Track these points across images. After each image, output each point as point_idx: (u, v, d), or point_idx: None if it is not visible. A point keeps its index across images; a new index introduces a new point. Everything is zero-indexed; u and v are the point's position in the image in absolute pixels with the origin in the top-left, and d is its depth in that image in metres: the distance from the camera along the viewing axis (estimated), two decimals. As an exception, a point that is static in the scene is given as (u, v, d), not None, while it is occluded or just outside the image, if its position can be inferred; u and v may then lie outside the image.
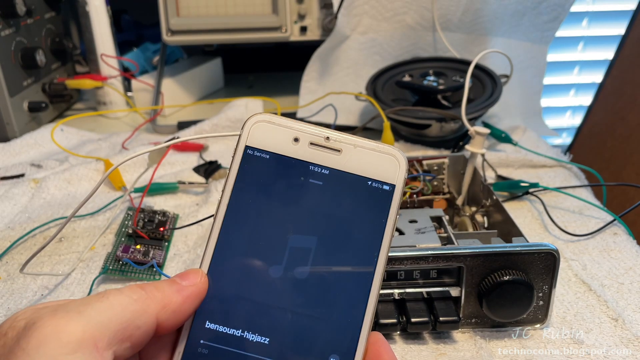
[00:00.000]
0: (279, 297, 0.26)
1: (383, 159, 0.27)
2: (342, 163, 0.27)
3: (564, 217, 0.57)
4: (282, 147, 0.27)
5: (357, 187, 0.27)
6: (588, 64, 1.18)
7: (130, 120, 0.88)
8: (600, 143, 1.10)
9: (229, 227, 0.26)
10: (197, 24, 0.81)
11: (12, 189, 0.62)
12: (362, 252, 0.26)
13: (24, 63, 0.77)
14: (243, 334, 0.25)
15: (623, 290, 0.46)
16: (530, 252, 0.39)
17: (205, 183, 0.63)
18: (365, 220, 0.26)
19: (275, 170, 0.27)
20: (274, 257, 0.26)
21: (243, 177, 0.27)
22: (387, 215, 0.26)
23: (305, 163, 0.27)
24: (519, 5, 0.80)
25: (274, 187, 0.27)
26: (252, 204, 0.27)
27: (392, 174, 0.27)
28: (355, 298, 0.26)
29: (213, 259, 0.26)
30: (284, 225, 0.26)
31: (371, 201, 0.26)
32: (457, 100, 0.74)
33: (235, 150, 0.27)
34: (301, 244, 0.26)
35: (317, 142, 0.27)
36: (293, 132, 0.27)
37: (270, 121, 0.27)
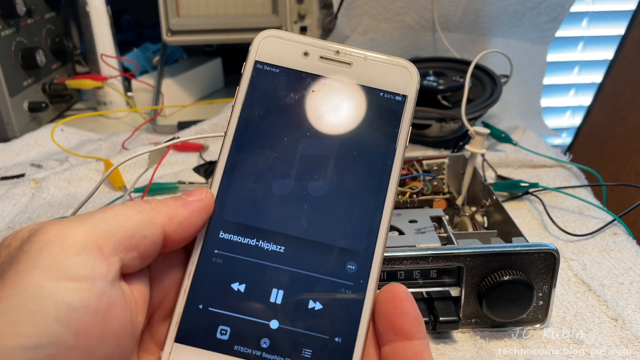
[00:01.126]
0: (293, 207, 0.25)
1: (394, 70, 0.27)
2: (353, 75, 0.27)
3: (563, 217, 0.57)
4: (292, 61, 0.27)
5: (369, 99, 0.27)
6: (588, 64, 1.18)
7: (130, 121, 0.88)
8: (600, 143, 1.10)
9: (240, 141, 0.26)
10: (197, 24, 0.81)
11: (12, 189, 0.62)
12: (375, 161, 0.26)
13: (24, 63, 0.77)
14: (258, 243, 0.25)
15: (623, 290, 0.46)
16: (530, 252, 0.39)
17: (205, 183, 0.63)
18: (377, 131, 0.26)
19: (285, 84, 0.27)
20: (287, 169, 0.26)
21: (253, 91, 0.27)
22: (400, 125, 0.26)
23: (316, 76, 0.27)
24: (519, 6, 0.80)
25: (284, 101, 0.27)
26: (262, 118, 0.26)
27: (404, 85, 0.27)
28: (370, 207, 0.25)
29: (225, 171, 0.26)
30: (295, 138, 0.26)
31: (383, 112, 0.26)
32: (457, 100, 0.74)
33: (245, 65, 0.27)
34: (314, 156, 0.26)
35: (327, 55, 0.27)
36: (303, 46, 0.27)
37: (279, 36, 0.27)
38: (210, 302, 0.24)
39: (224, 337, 0.24)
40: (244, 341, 0.24)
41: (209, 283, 0.25)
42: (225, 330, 0.24)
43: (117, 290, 0.21)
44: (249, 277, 0.25)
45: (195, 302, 0.24)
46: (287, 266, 0.25)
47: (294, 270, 0.25)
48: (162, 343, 0.24)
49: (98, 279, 0.20)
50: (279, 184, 0.26)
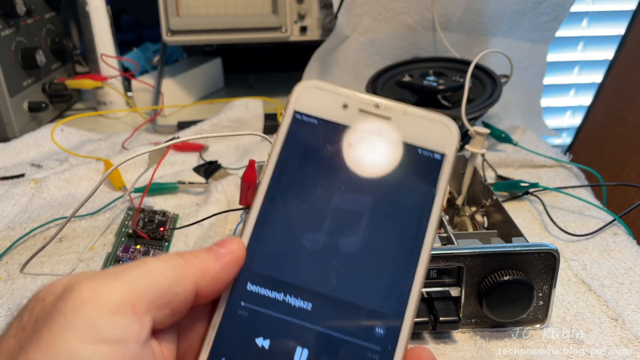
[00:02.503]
0: (323, 263, 0.25)
1: (434, 127, 0.26)
2: (392, 130, 0.26)
3: (563, 217, 0.57)
4: (330, 112, 0.27)
5: (407, 155, 0.26)
6: (588, 64, 1.18)
7: (130, 120, 0.88)
8: (600, 143, 1.10)
9: (274, 190, 0.26)
10: (197, 24, 0.81)
11: (12, 189, 0.62)
12: (410, 221, 0.25)
13: (24, 63, 0.77)
14: (285, 297, 0.24)
15: (623, 290, 0.46)
16: (530, 252, 0.39)
17: (205, 183, 0.63)
18: (414, 189, 0.25)
19: (323, 136, 0.26)
20: (319, 223, 0.25)
21: (290, 141, 0.26)
22: (437, 184, 0.25)
23: (354, 129, 0.26)
24: (519, 5, 0.80)
25: (321, 153, 0.26)
26: (298, 169, 0.26)
27: (443, 143, 0.26)
28: (403, 268, 0.24)
29: (257, 221, 0.25)
30: (329, 191, 0.26)
31: (421, 170, 0.26)
32: (457, 100, 0.74)
33: (283, 114, 0.27)
34: (347, 211, 0.25)
35: (367, 108, 0.27)
36: (342, 98, 0.27)
37: (319, 87, 0.27)
38: (233, 356, 0.24)
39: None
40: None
41: (233, 336, 0.24)
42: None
43: (148, 351, 0.21)
44: (273, 333, 0.24)
45: (218, 355, 0.24)
46: (313, 324, 0.24)
47: (320, 329, 0.24)
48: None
49: (130, 341, 0.20)
50: (310, 238, 0.25)
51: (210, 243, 0.54)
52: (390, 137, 0.26)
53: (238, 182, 0.58)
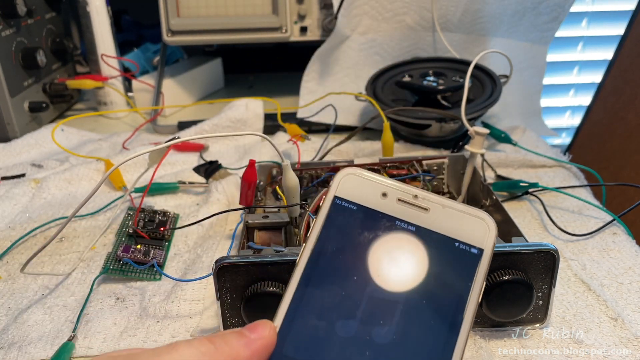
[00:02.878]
0: (355, 351, 0.24)
1: (472, 221, 0.26)
2: (430, 221, 0.26)
3: (563, 217, 0.57)
4: (370, 200, 0.27)
5: (444, 247, 0.26)
6: (587, 64, 1.18)
7: (130, 121, 0.88)
8: (600, 143, 1.10)
9: (310, 274, 0.26)
10: (198, 25, 0.81)
11: (12, 189, 0.62)
12: (445, 315, 0.25)
13: (25, 63, 0.77)
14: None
15: (622, 290, 0.46)
16: (529, 251, 0.39)
17: (205, 183, 0.63)
18: (450, 282, 0.25)
19: (361, 222, 0.27)
20: (353, 310, 0.25)
21: (329, 226, 0.27)
22: (474, 278, 0.25)
23: (393, 218, 0.27)
24: (519, 6, 0.80)
25: (358, 239, 0.26)
26: (335, 254, 0.26)
27: (481, 238, 0.26)
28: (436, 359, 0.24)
29: (291, 303, 0.25)
30: (365, 278, 0.26)
31: (457, 263, 0.26)
32: (457, 101, 0.74)
33: (324, 199, 0.27)
34: (381, 300, 0.25)
35: (406, 198, 0.27)
36: (382, 186, 0.27)
37: (361, 175, 0.27)
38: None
39: None
40: None
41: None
42: None
43: None
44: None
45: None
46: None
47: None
48: None
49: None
50: (343, 325, 0.25)
51: (211, 243, 0.54)
52: (427, 229, 0.26)
53: (238, 182, 0.58)
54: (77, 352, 0.41)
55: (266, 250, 0.42)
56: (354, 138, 0.70)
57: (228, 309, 0.40)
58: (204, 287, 0.47)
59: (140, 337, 0.42)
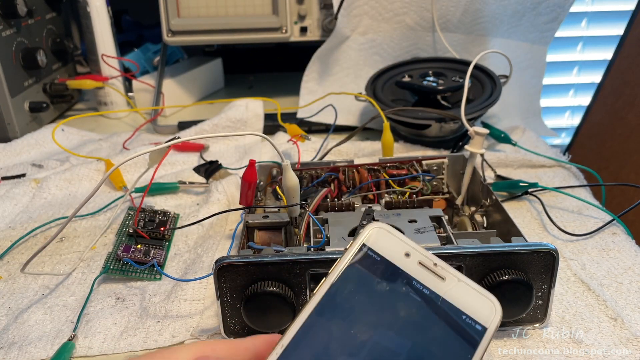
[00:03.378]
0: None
1: (481, 300, 0.28)
2: (443, 290, 0.28)
3: (563, 217, 0.57)
4: (393, 256, 0.29)
5: (451, 317, 0.27)
6: (587, 64, 1.18)
7: (130, 121, 0.88)
8: (599, 143, 1.10)
9: (323, 308, 0.27)
10: (198, 25, 0.81)
11: (13, 188, 0.62)
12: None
13: (25, 63, 0.77)
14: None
15: (622, 290, 0.46)
16: (529, 251, 0.39)
17: (205, 183, 0.64)
18: (451, 351, 0.27)
19: (381, 273, 0.28)
20: (357, 349, 0.26)
21: (352, 267, 0.28)
22: (474, 353, 0.26)
23: (411, 277, 0.28)
24: (519, 6, 0.81)
25: (376, 287, 0.28)
26: (349, 296, 0.28)
27: (487, 317, 0.27)
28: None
29: (301, 329, 0.26)
30: (372, 327, 0.27)
31: (461, 335, 0.27)
32: (457, 101, 0.74)
33: (352, 243, 0.29)
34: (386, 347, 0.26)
35: (426, 263, 0.28)
36: (407, 247, 0.29)
37: (390, 231, 0.29)
38: None
39: None
40: None
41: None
42: None
43: None
44: None
45: None
46: None
47: None
48: None
49: None
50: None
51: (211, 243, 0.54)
52: (440, 295, 0.28)
53: (238, 182, 0.58)
54: (77, 351, 0.41)
55: (266, 250, 0.42)
56: (354, 138, 0.70)
57: (228, 308, 0.40)
58: (204, 287, 0.47)
59: (141, 337, 0.42)
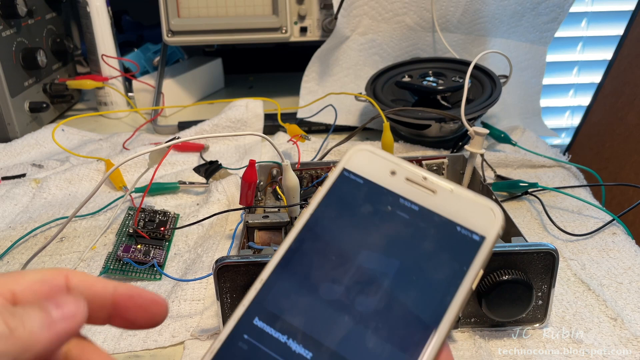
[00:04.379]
0: (334, 316, 0.24)
1: (478, 208, 0.26)
2: (435, 204, 0.26)
3: (563, 217, 0.57)
4: (378, 176, 0.27)
5: (444, 230, 0.26)
6: (587, 64, 1.18)
7: (131, 121, 0.88)
8: (599, 143, 1.10)
9: (305, 236, 0.26)
10: (198, 25, 0.81)
11: (13, 189, 0.62)
12: (433, 295, 0.24)
13: (25, 63, 0.77)
14: (288, 341, 0.24)
15: (622, 290, 0.46)
16: (529, 251, 0.39)
17: (205, 183, 0.64)
18: (445, 263, 0.25)
19: (365, 195, 0.27)
20: (341, 275, 0.25)
21: (333, 194, 0.27)
22: (471, 264, 0.25)
23: (397, 195, 0.26)
24: (518, 6, 0.81)
25: (360, 210, 0.26)
26: (333, 221, 0.26)
27: (485, 226, 0.25)
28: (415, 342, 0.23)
29: (282, 260, 0.26)
30: (359, 247, 0.26)
31: (456, 247, 0.25)
32: (457, 101, 0.74)
33: (333, 170, 0.28)
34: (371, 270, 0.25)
35: (414, 179, 0.27)
36: (392, 165, 0.27)
37: (372, 151, 0.28)
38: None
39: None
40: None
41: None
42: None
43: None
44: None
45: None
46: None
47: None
48: None
49: None
50: (328, 289, 0.25)
51: (211, 243, 0.54)
52: (430, 210, 0.26)
53: (238, 182, 0.58)
54: (77, 351, 0.41)
55: (266, 250, 0.42)
56: (354, 138, 0.70)
57: (228, 308, 0.40)
58: (204, 287, 0.47)
59: (141, 336, 0.42)
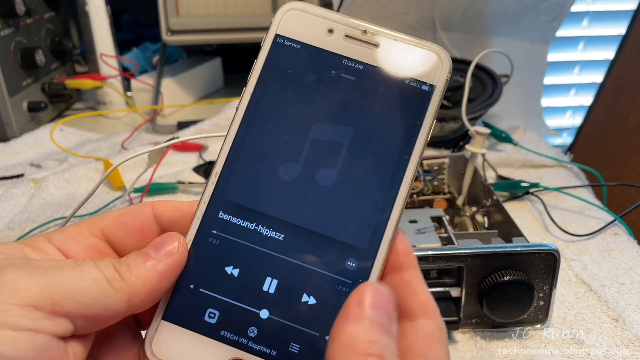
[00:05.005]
0: (298, 194, 0.24)
1: (424, 56, 0.25)
2: (379, 59, 0.25)
3: (564, 217, 0.57)
4: (314, 37, 0.25)
5: (393, 85, 0.25)
6: (588, 63, 1.18)
7: (129, 120, 0.88)
8: (601, 143, 1.10)
9: (251, 118, 0.25)
10: (197, 24, 0.80)
11: (11, 189, 0.62)
12: (391, 155, 0.24)
13: (24, 63, 0.77)
14: (257, 227, 0.24)
15: (623, 291, 0.46)
16: (530, 252, 0.39)
17: (205, 183, 0.63)
18: (399, 120, 0.24)
19: (305, 62, 0.25)
20: (296, 153, 0.24)
21: (270, 67, 0.25)
22: (424, 117, 0.24)
23: (339, 56, 0.25)
24: (519, 5, 0.80)
25: (302, 80, 0.25)
26: (276, 97, 0.25)
27: (433, 74, 0.24)
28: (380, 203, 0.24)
29: (232, 149, 0.25)
30: (308, 121, 0.25)
31: (407, 101, 0.24)
32: (458, 100, 0.74)
33: (264, 38, 0.26)
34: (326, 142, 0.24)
35: (353, 34, 0.25)
36: (328, 22, 0.25)
37: (304, 10, 0.26)
38: (202, 283, 0.24)
39: (212, 320, 0.23)
40: (232, 327, 0.23)
41: (203, 263, 0.24)
42: (214, 313, 0.23)
43: (60, 346, 0.20)
44: (243, 262, 0.24)
45: (186, 281, 0.24)
46: (284, 255, 0.24)
47: (291, 260, 0.24)
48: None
49: (41, 332, 0.20)
50: (285, 169, 0.24)
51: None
52: (375, 66, 0.25)
53: (238, 182, 0.58)
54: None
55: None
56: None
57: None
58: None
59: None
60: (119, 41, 0.89)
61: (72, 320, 0.21)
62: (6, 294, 0.20)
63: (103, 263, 0.22)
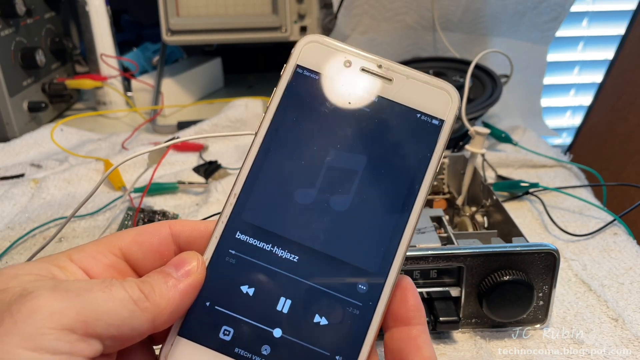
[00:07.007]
0: (313, 218, 0.25)
1: (435, 92, 0.26)
2: (392, 92, 0.26)
3: (564, 217, 0.57)
4: (332, 69, 0.27)
5: (405, 118, 0.26)
6: (588, 63, 1.18)
7: (130, 120, 0.88)
8: (601, 143, 1.10)
9: (270, 143, 0.26)
10: (197, 24, 0.81)
11: (11, 189, 0.62)
12: (402, 184, 0.25)
13: (24, 63, 0.77)
14: (273, 249, 0.25)
15: (623, 291, 0.46)
16: (530, 252, 0.39)
17: (205, 183, 0.63)
18: (410, 152, 0.26)
19: (323, 92, 0.26)
20: (312, 179, 0.26)
21: (289, 95, 0.26)
22: (434, 149, 0.26)
23: (355, 88, 0.26)
24: (519, 5, 0.80)
25: (319, 109, 0.26)
26: (295, 124, 0.26)
27: (443, 109, 0.26)
28: (390, 229, 0.25)
29: (250, 172, 0.26)
30: (324, 148, 0.26)
31: (418, 134, 0.26)
32: (457, 100, 0.74)
33: (285, 68, 0.27)
34: (341, 169, 0.26)
35: (369, 68, 0.27)
36: (345, 55, 0.27)
37: (323, 42, 0.27)
38: (218, 301, 0.24)
39: (227, 337, 0.24)
40: (245, 345, 0.24)
41: (219, 282, 0.25)
42: (229, 331, 0.24)
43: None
44: (259, 282, 0.25)
45: (203, 298, 0.24)
46: (297, 276, 0.25)
47: (304, 281, 0.25)
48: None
49: (76, 355, 0.20)
50: (301, 193, 0.25)
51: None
52: (389, 99, 0.26)
53: (238, 182, 0.58)
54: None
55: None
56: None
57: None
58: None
59: (139, 337, 0.42)
60: (119, 41, 0.89)
61: (102, 341, 0.21)
62: (43, 318, 0.20)
63: (128, 284, 0.23)
